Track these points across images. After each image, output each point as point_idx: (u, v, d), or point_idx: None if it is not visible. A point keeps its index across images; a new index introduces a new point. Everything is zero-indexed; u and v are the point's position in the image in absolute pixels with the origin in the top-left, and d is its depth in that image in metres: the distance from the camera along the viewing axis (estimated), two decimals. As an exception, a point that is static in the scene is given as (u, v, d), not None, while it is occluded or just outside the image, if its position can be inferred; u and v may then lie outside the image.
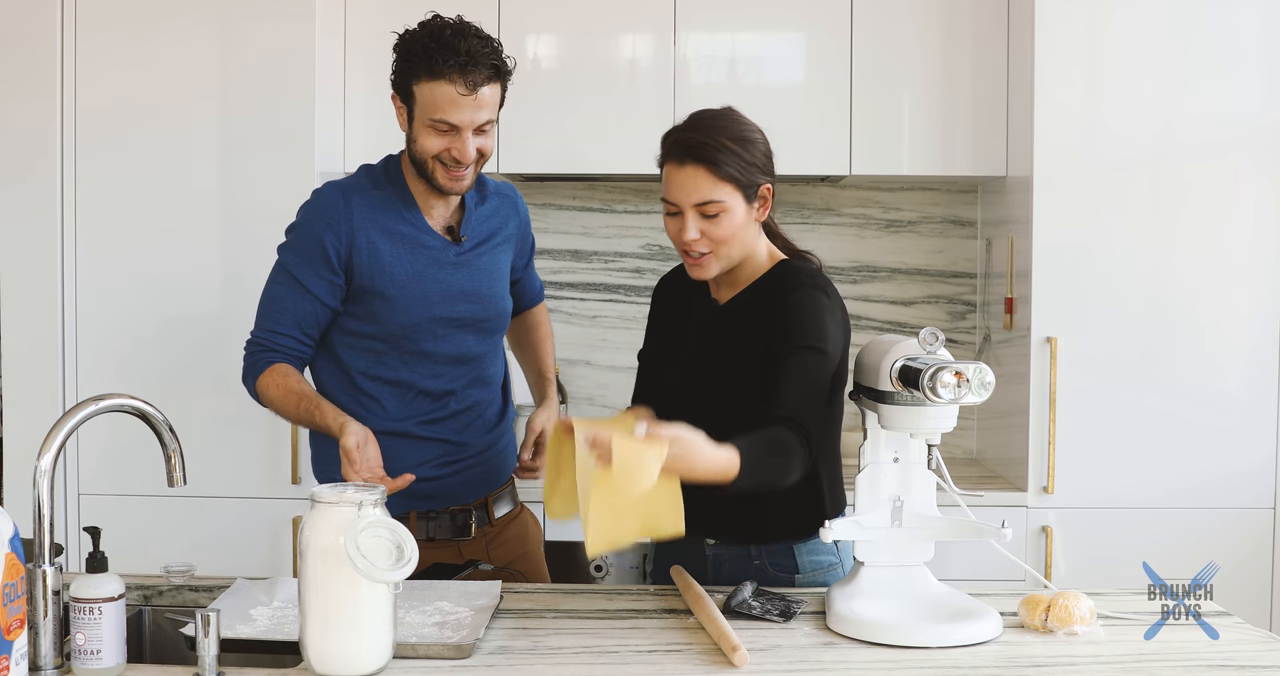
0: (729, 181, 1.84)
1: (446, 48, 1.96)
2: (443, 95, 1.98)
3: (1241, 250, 2.93)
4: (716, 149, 1.83)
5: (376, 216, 2.07)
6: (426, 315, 2.08)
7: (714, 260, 1.88)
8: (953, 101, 3.14)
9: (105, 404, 1.61)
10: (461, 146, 2.00)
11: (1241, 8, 2.92)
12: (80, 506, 2.99)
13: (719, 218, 1.84)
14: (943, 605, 1.76)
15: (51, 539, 1.54)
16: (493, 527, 2.20)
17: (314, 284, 2.05)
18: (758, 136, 1.89)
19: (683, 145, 1.85)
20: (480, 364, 2.18)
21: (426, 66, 1.98)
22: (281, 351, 2.07)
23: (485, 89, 1.99)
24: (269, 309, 2.09)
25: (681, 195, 1.85)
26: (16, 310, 2.99)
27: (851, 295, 3.49)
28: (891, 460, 1.83)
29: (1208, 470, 2.93)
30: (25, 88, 2.96)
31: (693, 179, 1.84)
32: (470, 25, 2.02)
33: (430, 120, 2.00)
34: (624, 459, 1.54)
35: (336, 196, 2.08)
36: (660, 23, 3.14)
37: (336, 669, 1.51)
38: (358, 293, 2.07)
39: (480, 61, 1.97)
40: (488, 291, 2.15)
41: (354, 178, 2.15)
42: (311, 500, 1.54)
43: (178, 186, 2.97)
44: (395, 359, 2.10)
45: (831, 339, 1.85)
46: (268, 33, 2.96)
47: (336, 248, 2.04)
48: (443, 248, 2.11)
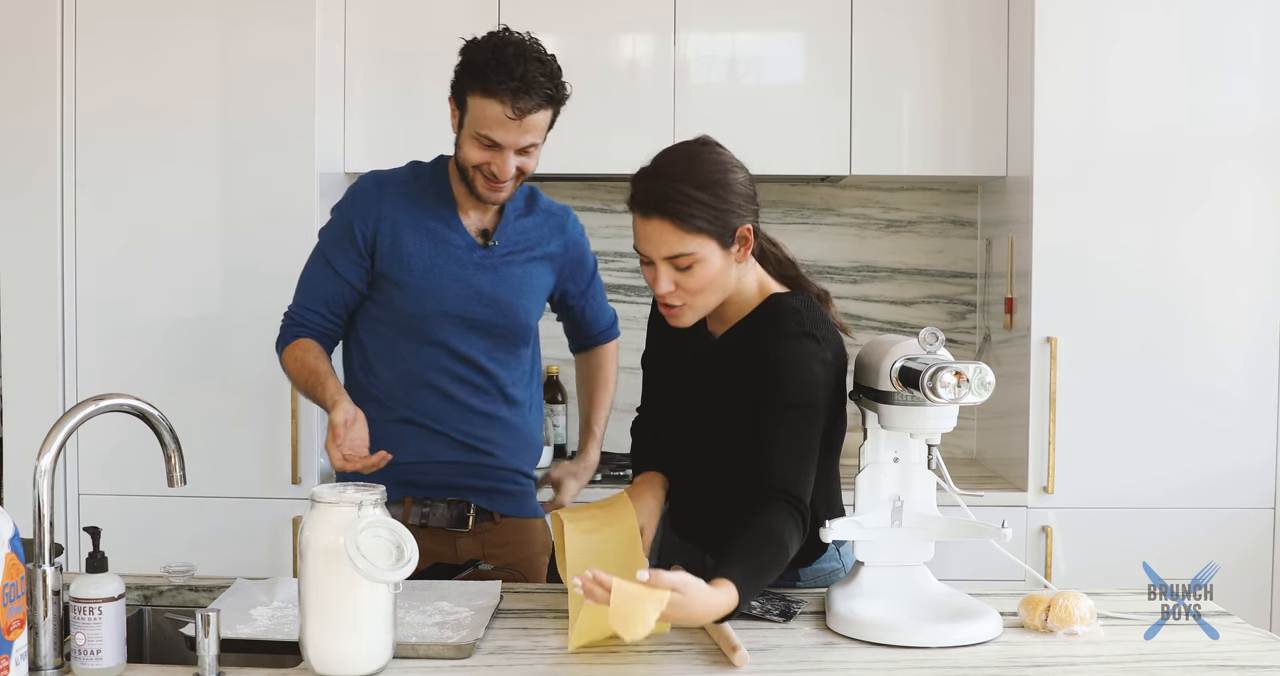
0: (699, 233, 1.73)
1: (504, 68, 1.98)
2: (491, 114, 2.00)
3: (1241, 250, 2.93)
4: (682, 201, 1.72)
5: (406, 207, 2.14)
6: (438, 309, 2.12)
7: (688, 310, 1.80)
8: (952, 101, 3.14)
9: (105, 404, 1.61)
10: (502, 163, 2.04)
11: (1242, 8, 2.92)
12: (80, 506, 2.99)
13: (693, 269, 1.75)
14: (943, 605, 1.76)
15: (51, 539, 1.54)
16: (495, 525, 2.20)
17: (342, 266, 2.13)
18: (732, 176, 1.79)
19: (647, 197, 1.74)
20: (489, 372, 2.17)
21: (481, 82, 2.00)
22: (309, 327, 2.16)
23: (534, 115, 2.01)
24: (304, 286, 2.19)
25: (650, 248, 1.76)
26: (16, 310, 2.99)
27: (851, 295, 3.49)
28: (891, 460, 1.83)
29: (1208, 470, 2.93)
30: (26, 89, 2.96)
31: (660, 233, 1.74)
32: (534, 48, 2.04)
33: (476, 132, 2.03)
34: (622, 605, 1.49)
35: (371, 184, 2.17)
36: (660, 23, 3.14)
37: (336, 669, 1.51)
38: (378, 277, 2.13)
39: (533, 89, 2.00)
40: (509, 300, 2.16)
41: (399, 170, 2.21)
42: (311, 500, 1.54)
43: (178, 187, 2.97)
44: (405, 347, 2.14)
45: (821, 388, 1.76)
46: (268, 33, 2.96)
47: (364, 232, 2.12)
48: (468, 248, 2.14)
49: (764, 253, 1.93)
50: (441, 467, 2.16)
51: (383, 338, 2.16)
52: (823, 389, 1.77)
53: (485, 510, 2.19)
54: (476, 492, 2.18)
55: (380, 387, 2.16)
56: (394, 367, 2.16)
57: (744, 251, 1.80)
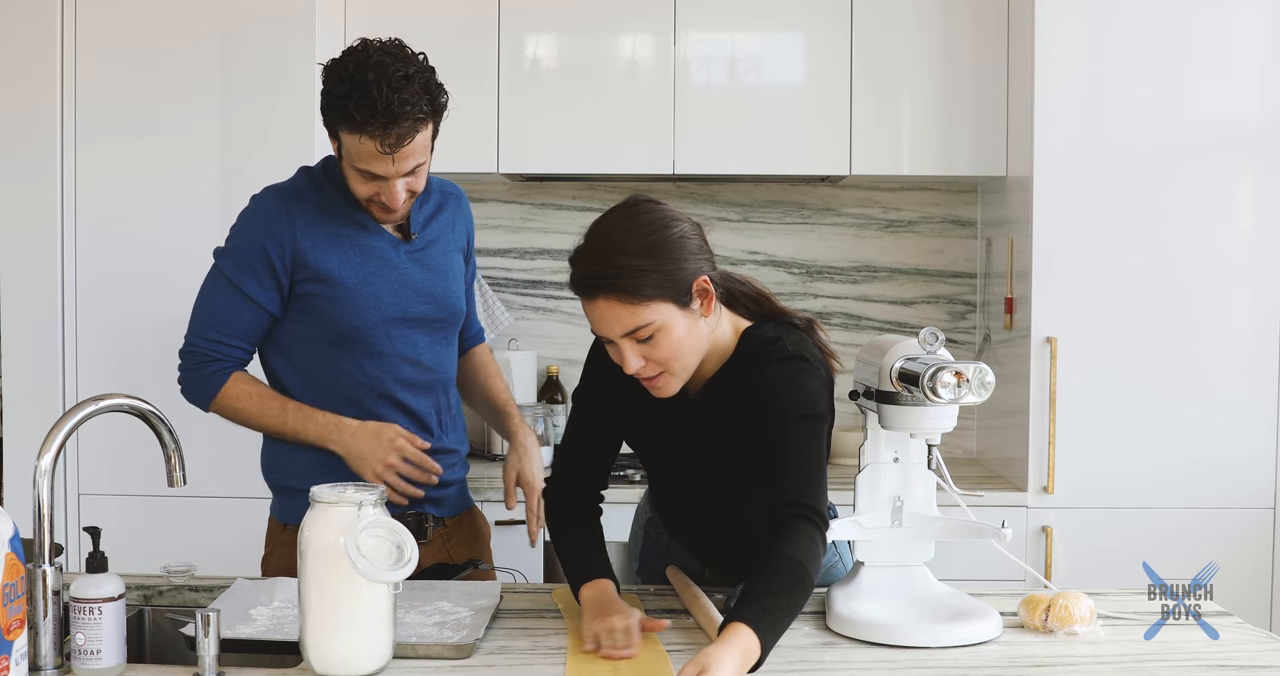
0: (649, 300, 1.63)
1: (365, 102, 1.83)
2: (364, 149, 1.88)
3: (1241, 250, 2.93)
4: (620, 273, 1.62)
5: (320, 221, 2.01)
6: (380, 316, 2.03)
7: (670, 378, 1.70)
8: (953, 101, 3.14)
9: (105, 404, 1.61)
10: (390, 192, 1.94)
11: (1241, 8, 2.91)
12: (80, 506, 2.99)
13: (656, 338, 1.65)
14: (943, 605, 1.76)
15: (51, 539, 1.54)
16: (446, 528, 2.16)
17: (256, 292, 2.00)
18: (671, 231, 1.66)
19: (584, 280, 1.65)
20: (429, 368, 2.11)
21: (344, 118, 1.87)
22: (230, 362, 2.04)
23: (410, 142, 1.88)
24: (211, 318, 2.03)
25: (605, 329, 1.66)
26: (16, 310, 2.99)
27: (851, 295, 3.49)
28: (891, 460, 1.83)
29: (1208, 470, 2.93)
30: (26, 88, 2.96)
31: (609, 311, 1.64)
32: (393, 63, 1.86)
33: (354, 167, 1.93)
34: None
35: (277, 203, 2.02)
36: (660, 23, 3.14)
37: (336, 669, 1.51)
38: (304, 296, 2.01)
39: (400, 117, 1.84)
40: (442, 291, 2.10)
41: (292, 181, 2.08)
42: (311, 500, 1.54)
43: (177, 186, 2.97)
44: (347, 363, 2.04)
45: (821, 399, 1.71)
46: (268, 33, 2.96)
47: (280, 255, 1.99)
48: (393, 246, 2.06)
49: (732, 296, 1.83)
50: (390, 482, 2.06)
51: (320, 357, 2.04)
52: (822, 400, 1.72)
53: (438, 517, 2.14)
54: (430, 502, 2.11)
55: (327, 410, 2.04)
56: (336, 386, 2.04)
57: (707, 304, 1.70)
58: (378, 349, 2.04)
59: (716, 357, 1.78)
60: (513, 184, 3.48)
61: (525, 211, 3.50)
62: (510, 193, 3.49)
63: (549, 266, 3.48)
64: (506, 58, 3.14)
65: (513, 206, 3.49)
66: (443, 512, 2.16)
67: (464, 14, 3.11)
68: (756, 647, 1.49)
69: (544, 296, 3.50)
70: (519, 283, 3.50)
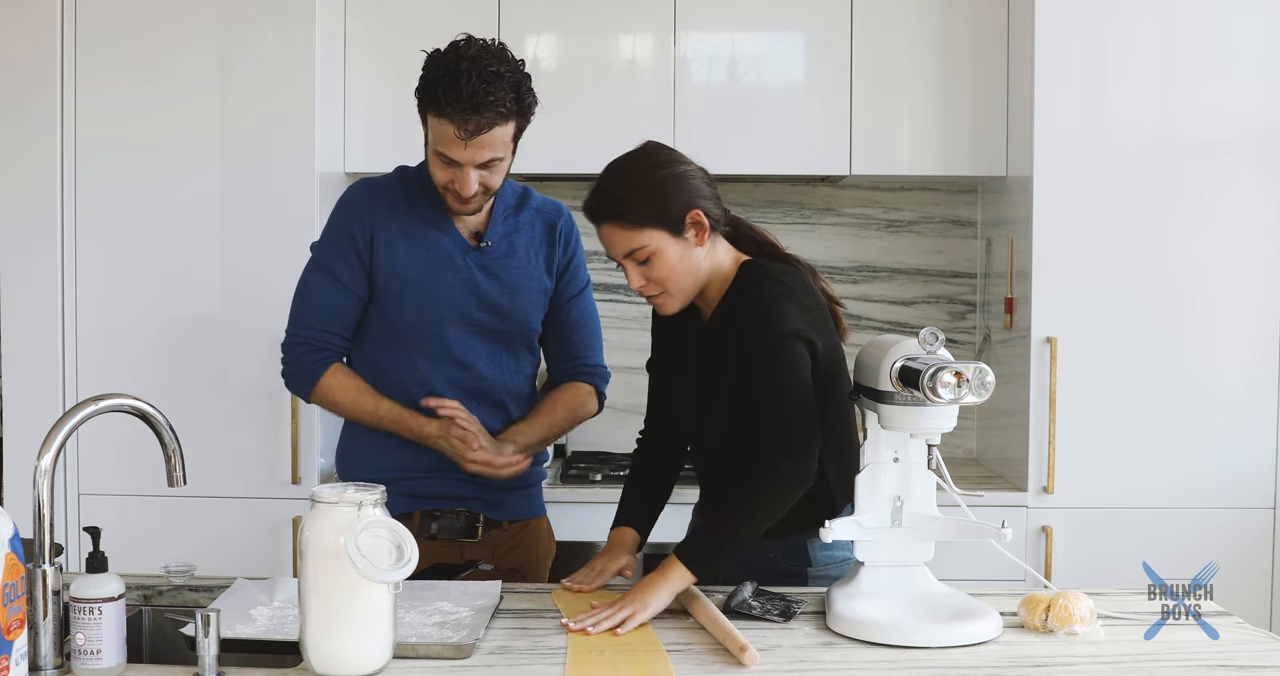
0: (644, 226, 1.86)
1: (453, 87, 1.92)
2: (445, 133, 1.97)
3: (1242, 250, 2.93)
4: (619, 201, 1.87)
5: (398, 214, 2.11)
6: (436, 314, 2.09)
7: (668, 298, 1.92)
8: (952, 101, 3.14)
9: (105, 404, 1.61)
10: (463, 180, 2.01)
11: (1241, 9, 2.91)
12: (80, 506, 2.98)
13: (652, 261, 1.88)
14: (943, 605, 1.76)
15: (51, 539, 1.54)
16: (503, 531, 2.19)
17: (345, 274, 2.10)
18: (670, 169, 1.89)
19: (591, 208, 1.91)
20: (483, 376, 2.14)
21: (433, 100, 1.96)
22: (331, 351, 2.12)
23: (488, 133, 1.96)
24: (309, 306, 2.12)
25: (610, 250, 1.91)
26: (16, 310, 2.99)
27: (851, 295, 3.49)
28: (891, 460, 1.83)
29: (1208, 470, 2.93)
30: (26, 89, 2.96)
31: (610, 235, 1.89)
32: (488, 58, 1.96)
33: (436, 150, 2.01)
34: None
35: (361, 192, 2.14)
36: (660, 23, 3.14)
37: (336, 669, 1.51)
38: (375, 287, 2.11)
39: (483, 108, 1.93)
40: (506, 303, 2.14)
41: (387, 177, 2.19)
42: (311, 500, 1.54)
43: (178, 186, 2.96)
44: (404, 356, 2.12)
45: (791, 318, 1.85)
46: (268, 33, 2.96)
47: (362, 237, 2.09)
48: (462, 250, 2.12)
49: (739, 235, 2.02)
50: (449, 480, 2.13)
51: (381, 347, 2.13)
52: (795, 319, 1.85)
53: (493, 519, 2.18)
54: (484, 503, 2.16)
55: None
56: (394, 378, 2.12)
57: (700, 235, 1.89)
58: (432, 348, 2.10)
59: (719, 287, 1.95)
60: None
61: (525, 211, 3.50)
62: (510, 193, 3.49)
63: (549, 266, 3.48)
64: (506, 58, 3.13)
65: (513, 206, 3.49)
66: (500, 516, 2.18)
67: (464, 14, 3.11)
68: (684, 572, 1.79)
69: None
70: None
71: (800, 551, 1.97)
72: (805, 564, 1.97)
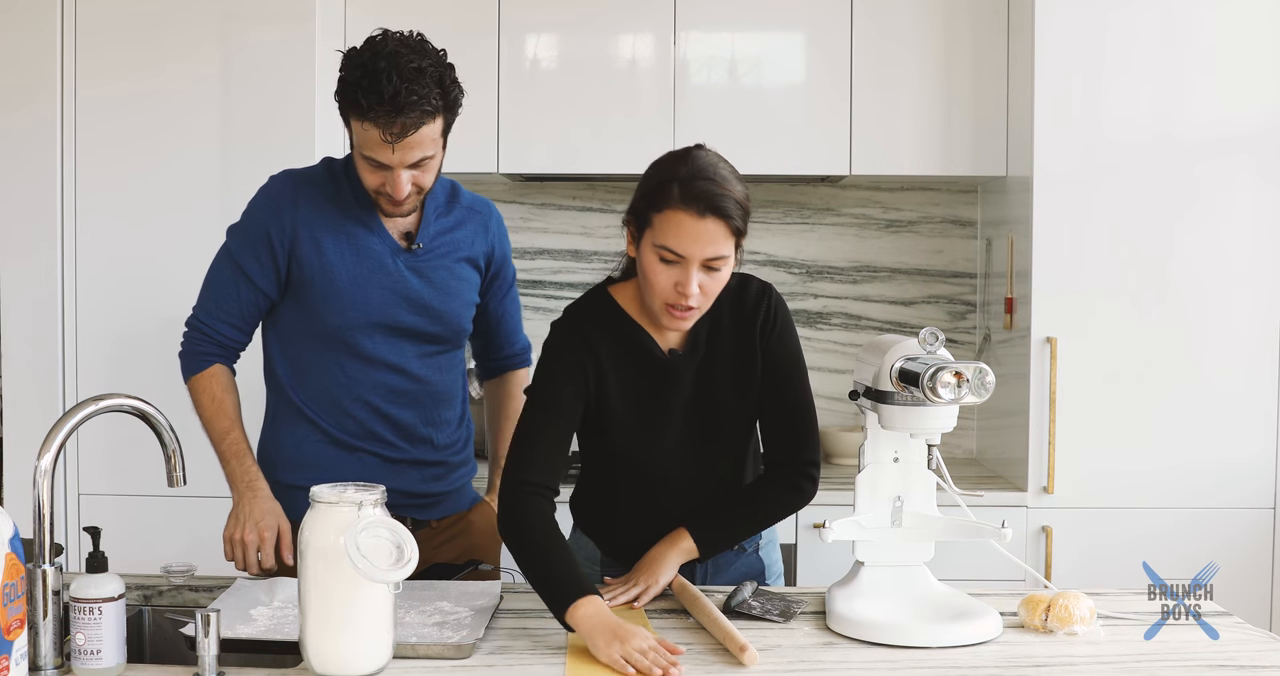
0: (735, 236, 1.76)
1: (373, 89, 1.84)
2: (370, 137, 1.89)
3: (1241, 250, 2.93)
4: (734, 204, 1.74)
5: (325, 211, 2.02)
6: (365, 320, 2.02)
7: (697, 313, 1.81)
8: (953, 101, 3.14)
9: (105, 404, 1.61)
10: (395, 183, 1.93)
11: (1241, 8, 2.91)
12: (80, 506, 2.98)
13: (719, 271, 1.77)
14: (943, 605, 1.76)
15: (51, 539, 1.54)
16: (432, 530, 2.14)
17: (254, 271, 2.03)
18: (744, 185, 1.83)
19: (706, 197, 1.72)
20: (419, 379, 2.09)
21: (354, 104, 1.88)
22: (219, 344, 2.07)
23: (415, 133, 1.87)
24: (212, 293, 2.07)
25: (695, 249, 1.73)
26: (16, 310, 2.99)
27: (851, 295, 3.49)
28: (891, 460, 1.83)
29: (1207, 470, 2.93)
30: (26, 87, 2.96)
31: (711, 234, 1.73)
32: (408, 53, 1.88)
33: (362, 154, 1.93)
34: None
35: (286, 186, 2.05)
36: (660, 23, 3.14)
37: (336, 669, 1.51)
38: (297, 284, 2.03)
39: (407, 108, 1.85)
40: (439, 305, 2.07)
41: (312, 168, 2.09)
42: (311, 500, 1.54)
43: (178, 186, 2.97)
44: (332, 361, 2.05)
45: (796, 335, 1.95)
46: (268, 33, 2.96)
47: (280, 237, 2.01)
48: (392, 252, 2.04)
49: None
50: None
51: (308, 350, 2.06)
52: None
53: (420, 520, 2.13)
54: (413, 507, 2.10)
55: (311, 404, 2.07)
56: (320, 382, 2.06)
57: (739, 258, 1.82)
58: (361, 351, 2.04)
59: None
60: (512, 184, 3.48)
61: (525, 211, 3.50)
62: (510, 193, 3.49)
63: (549, 266, 3.48)
64: (506, 58, 3.14)
65: (512, 206, 3.49)
66: (428, 517, 2.14)
67: (464, 14, 3.11)
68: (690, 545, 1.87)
69: (544, 296, 3.50)
70: (519, 282, 3.49)
71: None
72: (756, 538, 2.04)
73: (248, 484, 2.02)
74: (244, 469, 2.03)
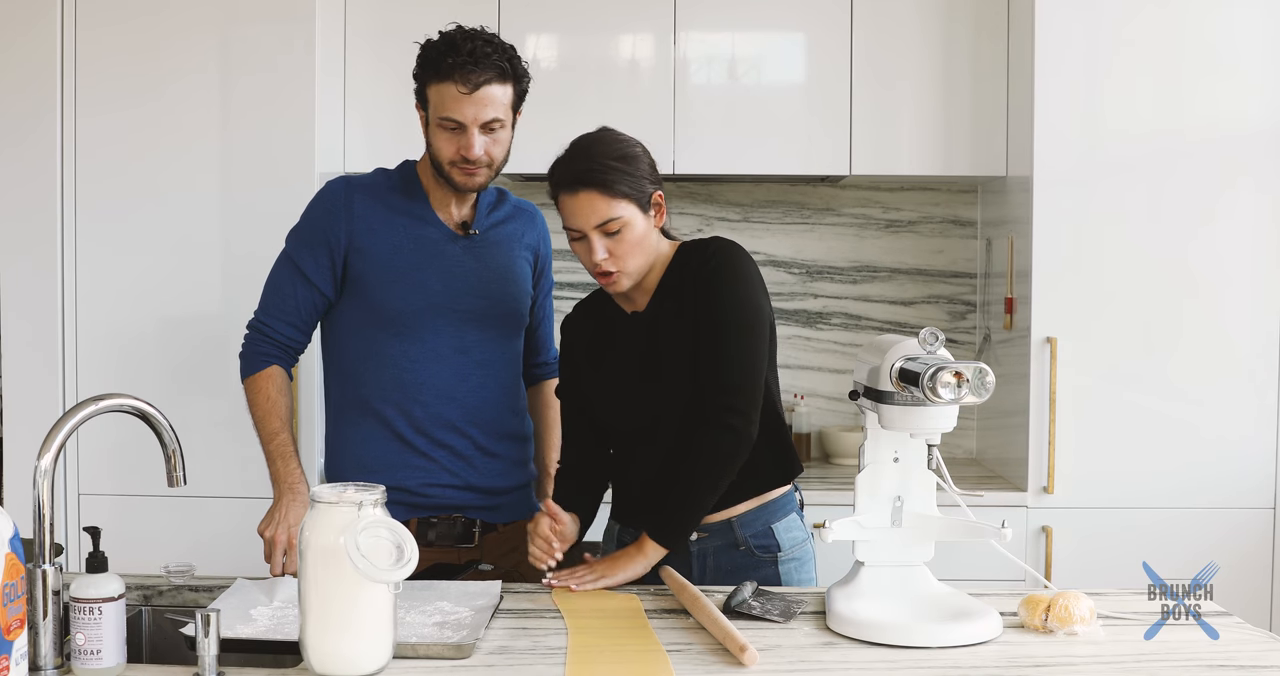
0: (622, 197, 1.90)
1: (452, 49, 2.02)
2: (448, 94, 2.02)
3: (1241, 250, 2.93)
4: (603, 170, 1.90)
5: (380, 206, 2.13)
6: (427, 304, 2.10)
7: (623, 276, 1.94)
8: (953, 101, 3.15)
9: (105, 404, 1.61)
10: (468, 143, 2.03)
11: (1241, 8, 2.92)
12: (80, 506, 2.99)
13: (621, 233, 1.91)
14: (943, 605, 1.76)
15: (51, 539, 1.54)
16: (500, 534, 2.19)
17: (313, 272, 2.12)
18: (639, 150, 1.97)
19: (570, 174, 1.92)
20: (487, 366, 2.15)
21: (434, 67, 2.03)
22: (280, 344, 2.14)
23: (489, 88, 2.02)
24: (273, 296, 2.15)
25: (581, 220, 1.91)
26: (16, 310, 2.99)
27: (851, 295, 3.49)
28: (891, 460, 1.83)
29: (1208, 470, 2.93)
30: (25, 87, 2.96)
31: (588, 203, 1.90)
32: (483, 32, 2.07)
33: (439, 119, 2.04)
34: None
35: (340, 186, 2.16)
36: (660, 23, 3.14)
37: (336, 669, 1.51)
38: (354, 280, 2.11)
39: (482, 62, 2.01)
40: (498, 289, 2.16)
41: (366, 174, 2.21)
42: (311, 500, 1.54)
43: (178, 186, 2.97)
44: (395, 347, 2.11)
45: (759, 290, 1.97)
46: (268, 33, 2.96)
47: (336, 235, 2.10)
48: (449, 238, 2.13)
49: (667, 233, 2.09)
50: (445, 491, 2.13)
51: (372, 341, 2.12)
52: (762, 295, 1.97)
53: (489, 523, 2.18)
54: (479, 509, 2.16)
55: (376, 396, 2.12)
56: (386, 372, 2.12)
57: (660, 216, 1.98)
58: (424, 338, 2.10)
59: (659, 269, 2.01)
60: (513, 184, 3.47)
61: (525, 211, 3.50)
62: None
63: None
64: (506, 58, 3.14)
65: (513, 206, 3.49)
66: (495, 520, 2.19)
67: (464, 14, 3.07)
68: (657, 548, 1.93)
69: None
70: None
71: (767, 538, 2.02)
72: (775, 550, 2.02)
73: (289, 486, 2.06)
74: (289, 470, 2.08)
